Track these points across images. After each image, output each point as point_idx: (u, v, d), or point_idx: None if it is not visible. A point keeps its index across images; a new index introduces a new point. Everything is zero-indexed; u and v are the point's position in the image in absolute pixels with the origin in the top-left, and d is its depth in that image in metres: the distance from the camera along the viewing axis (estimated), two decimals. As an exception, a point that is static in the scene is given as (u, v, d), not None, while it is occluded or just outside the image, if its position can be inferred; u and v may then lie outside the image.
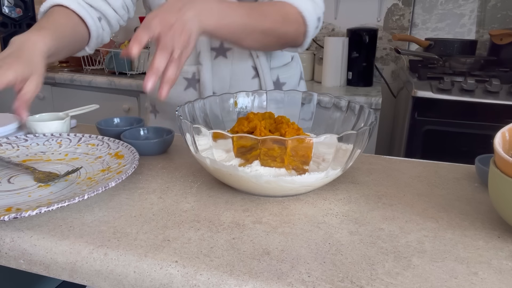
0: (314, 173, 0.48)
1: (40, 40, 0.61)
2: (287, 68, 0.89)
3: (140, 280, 0.37)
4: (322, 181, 0.50)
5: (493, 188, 0.42)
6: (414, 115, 1.40)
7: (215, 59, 0.82)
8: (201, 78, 0.83)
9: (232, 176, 0.49)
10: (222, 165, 0.48)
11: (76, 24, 0.71)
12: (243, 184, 0.49)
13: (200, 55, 0.82)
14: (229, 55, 0.83)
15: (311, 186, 0.50)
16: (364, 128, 0.48)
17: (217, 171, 0.50)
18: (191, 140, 0.50)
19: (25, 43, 0.59)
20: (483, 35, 1.85)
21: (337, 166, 0.49)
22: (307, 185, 0.49)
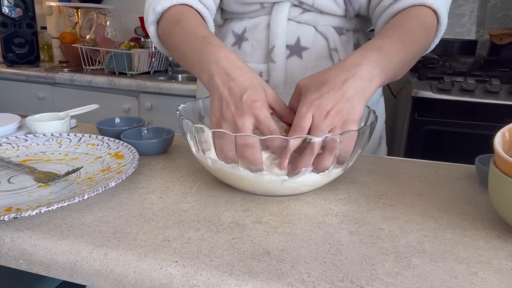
0: (315, 173, 0.48)
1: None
2: None
3: (140, 280, 0.37)
4: (323, 181, 0.50)
5: (493, 188, 0.42)
6: (414, 115, 1.40)
7: (287, 59, 0.74)
8: (271, 78, 0.75)
9: (233, 175, 0.49)
10: (223, 164, 0.48)
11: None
12: (245, 183, 0.49)
13: (273, 51, 0.74)
14: (305, 55, 0.74)
15: (312, 186, 0.50)
16: (364, 127, 0.48)
17: (218, 171, 0.50)
18: (193, 140, 0.50)
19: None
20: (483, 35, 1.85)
21: (338, 165, 0.49)
22: (308, 184, 0.49)
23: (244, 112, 0.47)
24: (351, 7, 0.71)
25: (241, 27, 0.78)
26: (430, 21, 0.62)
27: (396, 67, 0.54)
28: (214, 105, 0.51)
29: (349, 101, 0.48)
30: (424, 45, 0.61)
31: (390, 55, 0.53)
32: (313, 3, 0.71)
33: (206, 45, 0.55)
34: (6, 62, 2.14)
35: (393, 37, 0.56)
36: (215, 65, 0.52)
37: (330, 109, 0.47)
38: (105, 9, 2.26)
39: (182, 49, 0.60)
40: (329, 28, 0.74)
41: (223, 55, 0.53)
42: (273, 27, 0.73)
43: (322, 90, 0.48)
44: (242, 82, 0.50)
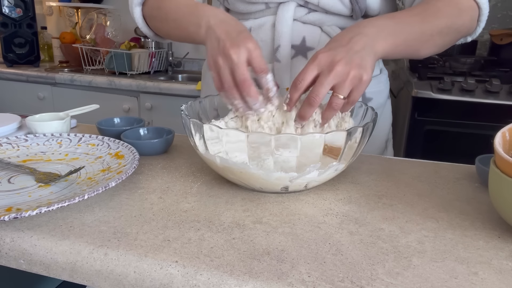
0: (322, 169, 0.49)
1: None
2: (376, 82, 0.79)
3: (140, 280, 0.37)
4: (329, 176, 0.52)
5: (493, 188, 0.42)
6: (414, 115, 1.39)
7: (292, 58, 0.74)
8: (276, 78, 0.75)
9: (242, 173, 0.49)
10: (233, 163, 0.48)
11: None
12: (254, 181, 0.49)
13: (278, 51, 0.74)
14: (310, 55, 0.73)
15: (317, 182, 0.51)
16: (369, 124, 0.50)
17: (226, 169, 0.50)
18: (202, 139, 0.50)
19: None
20: (483, 35, 1.85)
21: (344, 160, 0.50)
22: (316, 180, 0.50)
23: (239, 45, 0.51)
24: (357, 6, 0.70)
25: (247, 26, 0.78)
26: (464, 3, 0.62)
27: (410, 36, 0.55)
28: (212, 47, 0.55)
29: (358, 53, 0.50)
30: (456, 23, 0.61)
31: (402, 23, 0.55)
32: (319, 3, 0.71)
33: (201, 6, 0.61)
34: (6, 62, 2.14)
35: (412, 11, 0.58)
36: (213, 18, 0.57)
37: (339, 60, 0.49)
38: (105, 9, 2.26)
39: (174, 16, 0.64)
40: (335, 28, 0.74)
41: (219, 11, 0.59)
42: (278, 26, 0.73)
43: (330, 46, 0.52)
44: (238, 26, 0.56)
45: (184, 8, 0.63)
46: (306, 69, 0.50)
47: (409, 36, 0.55)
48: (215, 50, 0.53)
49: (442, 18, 0.59)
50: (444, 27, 0.59)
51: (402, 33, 0.55)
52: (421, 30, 0.57)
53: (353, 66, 0.49)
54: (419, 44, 0.58)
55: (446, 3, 0.61)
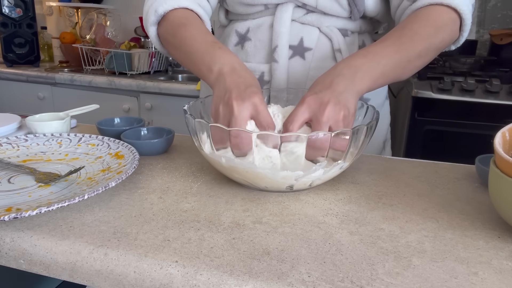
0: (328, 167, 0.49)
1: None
2: None
3: (140, 280, 0.37)
4: (334, 174, 0.52)
5: (493, 188, 0.42)
6: (414, 115, 1.40)
7: (290, 59, 0.74)
8: (273, 78, 0.75)
9: (248, 173, 0.49)
10: (239, 162, 0.48)
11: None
12: (260, 180, 0.50)
13: (275, 51, 0.74)
14: (308, 56, 0.74)
15: (322, 180, 0.52)
16: (372, 122, 0.50)
17: (232, 169, 0.50)
18: (209, 139, 0.50)
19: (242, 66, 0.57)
20: (483, 35, 1.85)
21: (348, 158, 0.51)
22: (321, 178, 0.51)
23: (244, 99, 0.50)
24: (356, 9, 0.70)
25: (245, 27, 0.78)
26: (444, 19, 0.62)
27: (386, 68, 0.56)
28: (218, 95, 0.53)
29: (342, 94, 0.51)
30: (434, 43, 0.61)
31: (378, 57, 0.56)
32: (317, 5, 0.71)
33: (218, 48, 0.58)
34: (6, 62, 2.14)
35: (387, 41, 0.58)
36: (227, 66, 0.55)
37: (327, 101, 0.49)
38: (105, 9, 2.26)
39: (188, 50, 0.62)
40: (333, 29, 0.74)
41: (234, 59, 0.57)
42: (276, 27, 0.73)
43: (314, 90, 0.52)
44: (249, 80, 0.54)
45: (199, 45, 0.61)
46: (297, 112, 0.50)
47: (385, 68, 0.56)
48: (219, 99, 0.52)
49: (419, 42, 0.58)
50: (422, 50, 0.59)
51: (378, 68, 0.55)
52: (398, 60, 0.57)
53: (341, 107, 0.50)
54: (398, 72, 0.58)
55: (422, 24, 0.60)
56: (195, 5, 0.68)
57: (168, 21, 0.67)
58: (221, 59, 0.57)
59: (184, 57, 0.63)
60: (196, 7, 0.68)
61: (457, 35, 0.65)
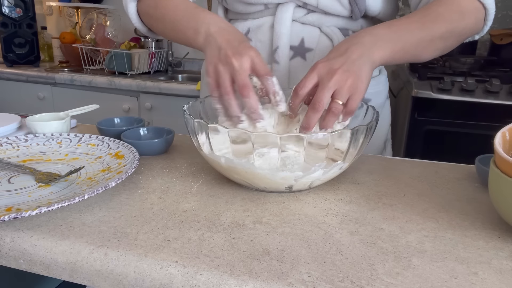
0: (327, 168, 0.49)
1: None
2: (375, 83, 0.80)
3: (140, 280, 0.37)
4: (334, 174, 0.52)
5: (493, 188, 0.42)
6: (414, 115, 1.39)
7: (291, 60, 0.74)
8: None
9: (248, 173, 0.49)
10: (238, 162, 0.48)
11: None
12: (259, 180, 0.49)
13: (276, 52, 0.74)
14: (309, 56, 0.74)
15: (321, 181, 0.52)
16: (372, 123, 0.50)
17: (231, 169, 0.50)
18: (207, 139, 0.50)
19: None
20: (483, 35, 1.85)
21: (348, 159, 0.51)
22: (320, 179, 0.51)
23: (241, 53, 0.51)
24: (356, 8, 0.70)
25: (245, 27, 0.78)
26: (467, 6, 0.62)
27: (408, 43, 0.56)
28: (212, 55, 0.54)
29: (355, 62, 0.51)
30: (458, 27, 0.61)
31: (400, 30, 0.56)
32: (318, 4, 0.71)
33: (201, 11, 0.60)
34: (6, 62, 2.14)
35: (411, 18, 0.59)
36: (214, 25, 0.57)
37: (337, 68, 0.50)
38: (105, 9, 2.26)
39: (172, 18, 0.63)
40: (334, 29, 0.74)
41: (219, 19, 0.58)
42: (277, 27, 0.73)
43: (328, 56, 0.53)
44: (239, 36, 0.55)
45: (182, 11, 0.62)
46: (307, 77, 0.51)
47: (407, 43, 0.56)
48: (215, 58, 0.53)
49: (443, 23, 0.59)
50: (445, 32, 0.59)
51: (400, 40, 0.55)
52: (420, 37, 0.57)
53: (350, 74, 0.50)
54: (418, 50, 0.58)
55: (447, 7, 0.60)
56: None
57: None
58: (206, 19, 0.58)
59: (168, 27, 0.64)
60: None
61: (481, 25, 0.66)
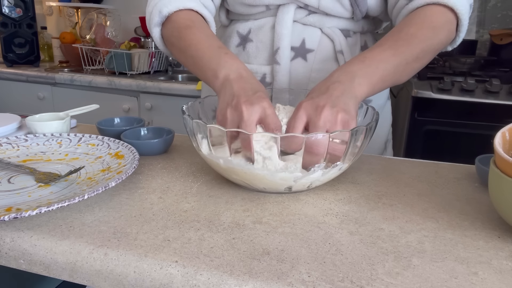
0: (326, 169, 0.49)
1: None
2: None
3: (140, 280, 0.37)
4: (333, 175, 0.52)
5: (493, 188, 0.42)
6: (414, 115, 1.40)
7: (292, 60, 0.74)
8: (275, 80, 0.74)
9: (247, 174, 0.49)
10: (236, 163, 0.48)
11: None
12: (258, 181, 0.49)
13: (277, 53, 0.73)
14: (310, 57, 0.74)
15: (321, 182, 0.51)
16: (371, 123, 0.50)
17: (230, 170, 0.50)
18: (206, 140, 0.50)
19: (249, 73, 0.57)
20: (483, 35, 1.85)
21: (348, 160, 0.50)
22: (320, 180, 0.50)
23: (253, 103, 0.49)
24: (358, 9, 0.70)
25: (246, 28, 0.78)
26: (440, 20, 0.61)
27: (385, 72, 0.55)
28: (224, 100, 0.52)
29: (339, 98, 0.50)
30: (432, 44, 0.60)
31: (375, 62, 0.55)
32: (319, 6, 0.71)
33: (224, 54, 0.58)
34: (6, 62, 2.14)
35: (384, 45, 0.58)
36: (234, 73, 0.55)
37: (324, 104, 0.49)
38: (105, 9, 2.26)
39: (194, 54, 0.61)
40: (335, 30, 0.74)
41: (240, 66, 0.57)
42: (278, 28, 0.73)
43: (312, 95, 0.52)
44: (256, 86, 0.54)
45: (205, 49, 0.60)
46: (295, 118, 0.50)
47: (384, 72, 0.55)
48: (226, 104, 0.51)
49: (416, 44, 0.58)
50: (419, 52, 0.59)
51: (376, 73, 0.55)
52: (395, 63, 0.56)
53: (339, 110, 0.49)
54: (396, 76, 0.58)
55: (418, 26, 0.60)
56: (200, 6, 0.68)
57: (173, 23, 0.66)
58: (227, 64, 0.56)
59: (190, 60, 0.63)
60: (201, 8, 0.68)
61: (453, 36, 0.65)
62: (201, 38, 0.62)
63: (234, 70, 0.55)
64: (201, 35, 0.63)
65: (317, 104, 0.49)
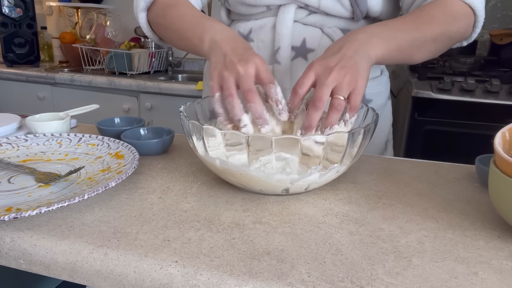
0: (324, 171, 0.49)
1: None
2: (376, 83, 0.80)
3: (140, 280, 0.37)
4: (330, 177, 0.51)
5: (493, 188, 0.42)
6: (414, 115, 1.40)
7: (292, 60, 0.75)
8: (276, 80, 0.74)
9: (242, 175, 0.49)
10: (233, 165, 0.48)
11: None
12: (254, 183, 0.49)
13: (278, 52, 0.74)
14: (311, 57, 0.74)
15: (318, 184, 0.51)
16: (370, 125, 0.50)
17: (226, 171, 0.50)
18: (201, 141, 0.50)
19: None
20: (483, 35, 1.85)
21: (346, 162, 0.50)
22: (317, 182, 0.50)
23: (247, 60, 0.51)
24: (358, 9, 0.70)
25: (247, 27, 0.78)
26: (459, 10, 0.62)
27: (403, 42, 0.56)
28: (216, 61, 0.54)
29: (351, 58, 0.51)
30: (450, 30, 0.61)
31: (395, 29, 0.56)
32: (319, 6, 0.71)
33: (207, 20, 0.61)
34: (6, 62, 2.14)
35: (406, 18, 0.59)
36: (219, 33, 0.57)
37: (333, 65, 0.50)
38: (105, 9, 2.26)
39: (178, 26, 0.64)
40: (336, 30, 0.74)
41: (224, 27, 0.59)
42: (278, 28, 0.73)
43: (324, 55, 0.53)
44: (244, 44, 0.56)
45: (189, 19, 0.62)
46: (304, 76, 0.51)
47: (402, 41, 0.56)
48: (220, 64, 0.53)
49: (436, 26, 0.59)
50: (438, 34, 0.59)
51: (395, 39, 0.55)
52: (414, 37, 0.57)
53: (348, 70, 0.49)
54: (412, 49, 0.59)
55: (440, 11, 0.61)
56: None
57: (158, 5, 0.69)
58: (212, 27, 0.58)
59: (175, 34, 0.65)
60: None
61: (470, 30, 0.66)
62: (184, 12, 0.65)
63: (219, 31, 0.57)
64: (184, 9, 0.65)
65: (327, 64, 0.50)
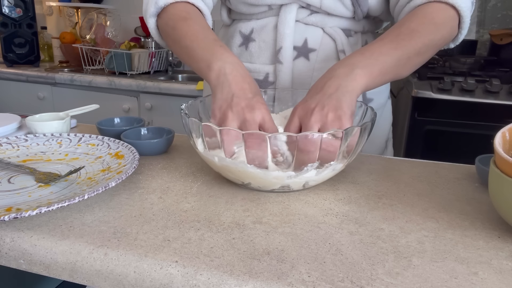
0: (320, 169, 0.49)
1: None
2: None
3: (140, 280, 0.37)
4: (327, 175, 0.51)
5: (493, 188, 0.42)
6: (414, 115, 1.40)
7: (294, 60, 0.74)
8: (278, 79, 0.75)
9: (240, 172, 0.49)
10: (230, 162, 0.48)
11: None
12: (252, 180, 0.50)
13: (280, 52, 0.74)
14: (312, 57, 0.74)
15: (316, 181, 0.51)
16: (367, 123, 0.49)
17: (225, 168, 0.50)
18: (201, 138, 0.50)
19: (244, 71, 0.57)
20: (483, 35, 1.85)
21: (343, 160, 0.50)
22: (314, 179, 0.50)
23: (254, 108, 0.51)
24: (359, 9, 0.70)
25: (249, 27, 0.78)
26: (441, 16, 0.61)
27: (385, 64, 0.55)
28: (222, 98, 0.53)
29: (332, 96, 0.51)
30: (434, 40, 0.60)
31: (376, 54, 0.55)
32: (321, 5, 0.71)
33: (220, 46, 0.58)
34: (6, 62, 2.14)
35: (385, 39, 0.58)
36: (231, 66, 0.55)
37: (314, 107, 0.50)
38: (105, 9, 2.26)
39: (188, 44, 0.61)
40: (337, 29, 0.74)
41: (236, 60, 0.57)
42: (280, 28, 0.73)
43: (306, 97, 0.53)
44: (254, 86, 0.55)
45: (200, 40, 0.60)
46: (288, 122, 0.52)
47: (384, 65, 0.55)
48: (226, 103, 0.52)
49: (418, 39, 0.58)
50: (421, 47, 0.58)
51: (377, 64, 0.54)
52: (397, 57, 0.56)
53: (329, 109, 0.49)
54: (397, 69, 0.57)
55: (419, 22, 0.59)
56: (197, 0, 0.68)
57: (169, 14, 0.66)
58: (223, 57, 0.56)
59: (184, 51, 0.63)
60: (197, 1, 0.68)
61: (455, 33, 0.65)
62: (196, 29, 0.62)
63: (229, 62, 0.56)
64: (196, 26, 0.63)
65: (308, 106, 0.51)
